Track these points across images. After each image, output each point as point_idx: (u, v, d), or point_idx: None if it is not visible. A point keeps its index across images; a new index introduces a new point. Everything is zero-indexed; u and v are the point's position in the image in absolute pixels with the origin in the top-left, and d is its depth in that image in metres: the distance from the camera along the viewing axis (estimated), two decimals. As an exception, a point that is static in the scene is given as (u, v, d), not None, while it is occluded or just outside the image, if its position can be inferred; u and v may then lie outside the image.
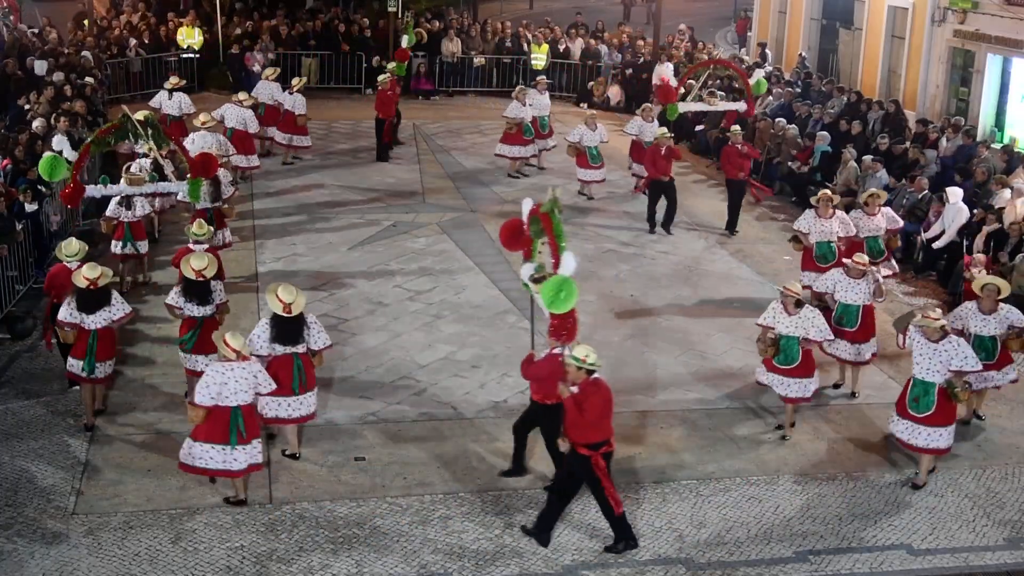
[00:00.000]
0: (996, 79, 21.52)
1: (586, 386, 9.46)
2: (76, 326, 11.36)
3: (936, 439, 10.96)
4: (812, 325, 11.74)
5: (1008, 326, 11.95)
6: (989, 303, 11.92)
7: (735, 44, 34.66)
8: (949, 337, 10.86)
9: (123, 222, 14.99)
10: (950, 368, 10.78)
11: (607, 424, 9.64)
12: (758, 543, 10.12)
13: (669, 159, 18.18)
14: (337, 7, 31.96)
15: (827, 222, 14.73)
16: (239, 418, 10.08)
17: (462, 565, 9.67)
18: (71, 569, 9.43)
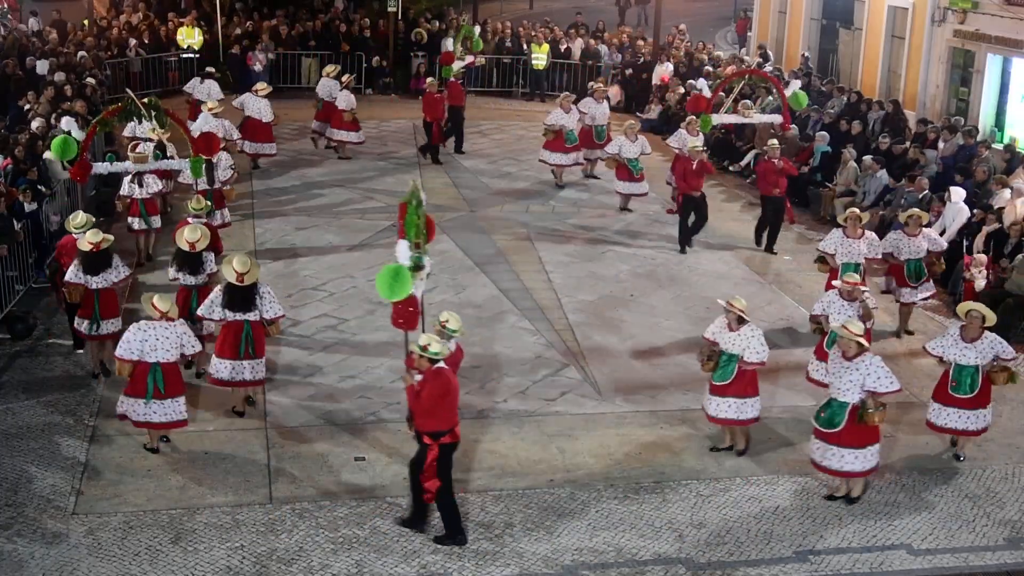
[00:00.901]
0: (996, 79, 21.51)
1: (427, 374, 9.62)
2: (81, 286, 12.42)
3: (851, 462, 10.37)
4: (749, 346, 11.05)
5: (993, 357, 11.25)
6: (973, 331, 11.24)
7: (735, 44, 34.64)
8: (864, 355, 10.30)
9: (136, 200, 15.90)
10: (864, 387, 10.24)
11: (447, 414, 9.73)
12: (758, 543, 10.12)
13: (701, 174, 17.45)
14: (337, 7, 31.98)
15: (855, 242, 13.93)
16: (158, 374, 10.80)
17: (462, 565, 9.67)
18: (71, 569, 9.43)
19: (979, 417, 11.39)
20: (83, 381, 12.70)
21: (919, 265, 14.32)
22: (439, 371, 9.67)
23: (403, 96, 28.10)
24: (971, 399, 11.29)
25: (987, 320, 11.31)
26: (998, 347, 11.29)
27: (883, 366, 10.34)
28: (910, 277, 14.30)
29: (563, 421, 12.12)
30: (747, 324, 11.17)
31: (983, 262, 15.40)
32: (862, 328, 10.56)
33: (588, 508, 10.53)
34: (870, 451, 10.47)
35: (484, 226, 18.45)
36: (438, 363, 9.65)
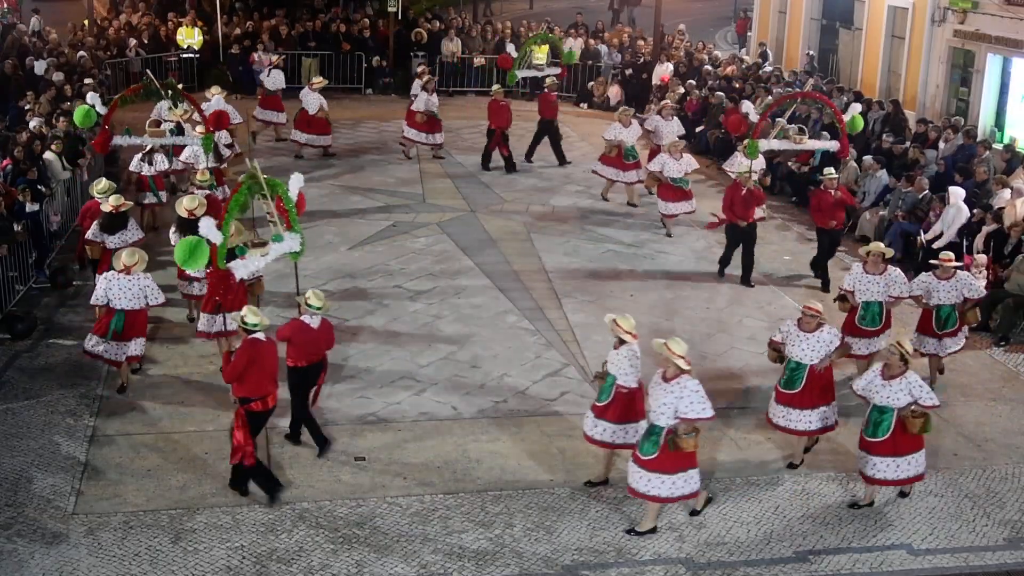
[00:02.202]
0: (996, 79, 21.53)
1: (243, 343, 10.34)
2: (99, 244, 13.75)
3: (657, 486, 9.88)
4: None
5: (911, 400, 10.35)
6: (892, 369, 10.40)
7: (735, 44, 34.66)
8: (681, 377, 9.75)
9: (146, 176, 17.09)
10: (677, 412, 9.75)
11: (257, 383, 10.22)
12: (758, 543, 10.12)
13: (750, 202, 15.86)
14: (337, 7, 31.98)
15: (875, 279, 12.74)
16: (121, 320, 12.20)
17: (462, 565, 9.67)
18: (71, 569, 9.43)
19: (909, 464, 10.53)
20: (83, 382, 12.71)
21: (950, 313, 12.82)
22: (253, 341, 10.24)
23: (403, 96, 28.06)
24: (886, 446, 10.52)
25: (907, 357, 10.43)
26: (916, 391, 10.35)
27: (698, 391, 9.74)
28: (937, 325, 12.83)
29: (563, 421, 12.12)
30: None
31: (983, 262, 15.41)
32: (684, 348, 9.84)
33: (588, 508, 10.53)
34: (683, 476, 9.91)
35: (484, 226, 18.45)
36: (254, 333, 10.24)
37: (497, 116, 21.33)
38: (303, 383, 11.10)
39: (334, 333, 11.51)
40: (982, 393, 13.10)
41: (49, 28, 28.11)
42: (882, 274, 12.80)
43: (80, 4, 31.50)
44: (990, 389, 13.25)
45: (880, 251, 12.85)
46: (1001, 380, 13.54)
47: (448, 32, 28.81)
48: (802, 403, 11.09)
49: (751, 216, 15.92)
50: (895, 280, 12.82)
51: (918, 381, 10.34)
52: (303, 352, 10.92)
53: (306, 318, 10.98)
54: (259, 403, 10.29)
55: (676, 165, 17.89)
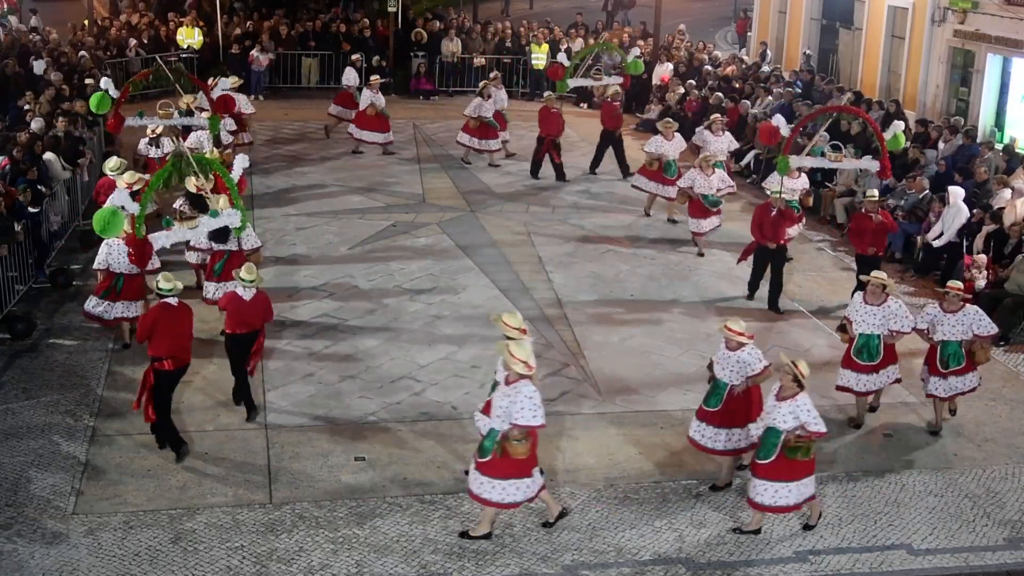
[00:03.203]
0: (996, 79, 21.52)
1: (154, 306, 11.25)
2: None
3: (488, 490, 9.75)
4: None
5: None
6: (784, 391, 10.01)
7: (735, 44, 34.65)
8: (519, 382, 9.54)
9: (153, 158, 17.71)
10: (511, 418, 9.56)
11: (164, 344, 10.90)
12: (758, 543, 10.12)
13: (780, 223, 15.06)
14: (337, 7, 31.99)
15: (874, 310, 11.94)
16: (119, 282, 13.12)
17: (462, 565, 9.67)
18: (71, 569, 9.43)
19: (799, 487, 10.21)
20: (83, 381, 12.71)
21: (957, 350, 11.88)
22: (164, 304, 11.03)
23: (403, 96, 28.09)
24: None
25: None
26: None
27: (532, 397, 9.49)
28: (941, 363, 11.89)
29: (563, 421, 12.12)
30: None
31: (983, 262, 15.42)
32: (527, 351, 9.56)
33: (588, 508, 10.53)
34: (515, 483, 9.73)
35: (484, 226, 18.45)
36: (166, 297, 11.01)
37: (547, 123, 20.82)
38: (235, 348, 11.87)
39: (271, 305, 12.16)
40: (982, 393, 13.04)
41: (49, 28, 28.11)
42: (881, 305, 11.91)
43: (80, 4, 31.50)
44: (990, 389, 13.23)
45: (880, 281, 11.96)
46: (1001, 380, 13.54)
47: (448, 32, 28.82)
48: (716, 421, 10.75)
49: (781, 237, 15.13)
50: (895, 313, 11.88)
51: (808, 405, 9.77)
52: (236, 321, 11.70)
53: (239, 290, 11.73)
54: (169, 362, 10.94)
55: (706, 181, 17.10)
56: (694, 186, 17.07)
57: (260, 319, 11.86)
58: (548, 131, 20.85)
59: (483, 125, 21.67)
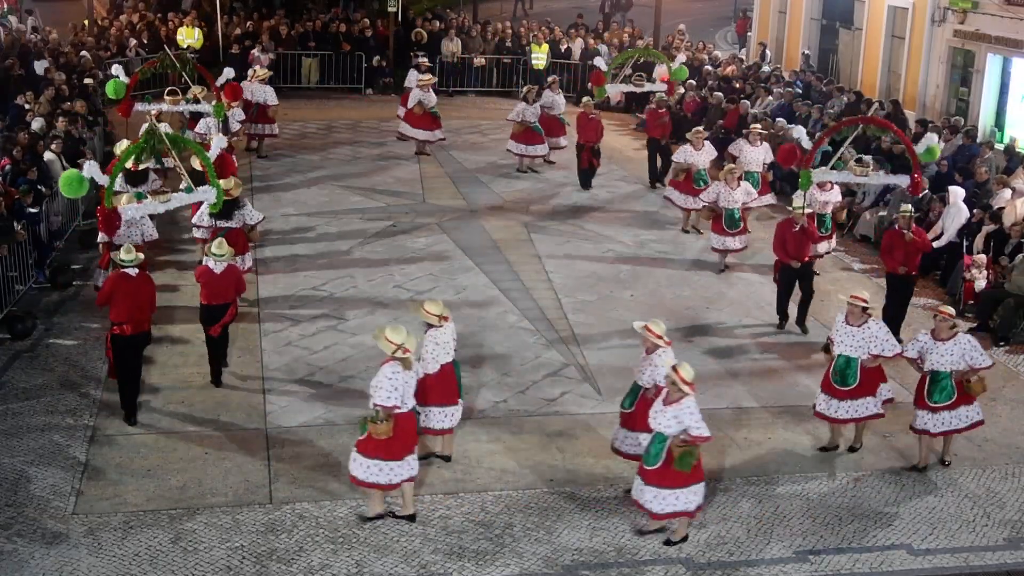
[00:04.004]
0: (996, 79, 21.54)
1: (113, 274, 11.83)
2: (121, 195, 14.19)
3: (375, 473, 9.90)
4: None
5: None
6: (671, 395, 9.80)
7: (735, 44, 34.65)
8: (388, 362, 9.82)
9: None
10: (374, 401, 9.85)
11: (121, 311, 11.54)
12: (758, 543, 10.12)
13: (803, 241, 14.34)
14: (337, 7, 32.00)
15: (853, 331, 11.26)
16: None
17: (462, 565, 9.67)
18: (71, 569, 9.43)
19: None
20: (83, 381, 12.71)
21: (947, 382, 11.07)
22: (123, 274, 11.63)
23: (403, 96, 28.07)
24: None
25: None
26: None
27: (392, 377, 9.73)
28: (928, 395, 11.10)
29: (563, 421, 12.12)
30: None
31: (983, 262, 15.42)
32: (402, 335, 9.83)
33: (588, 508, 10.53)
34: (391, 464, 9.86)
35: (484, 226, 18.45)
36: (126, 268, 11.60)
37: (586, 130, 20.39)
38: (208, 318, 12.49)
39: (243, 278, 12.98)
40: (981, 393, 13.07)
41: (49, 28, 28.11)
42: (861, 327, 11.18)
43: (80, 4, 31.51)
44: (990, 389, 13.17)
45: (859, 303, 11.18)
46: (1001, 380, 13.53)
47: (448, 32, 28.82)
48: (629, 424, 10.66)
49: (806, 255, 14.38)
50: (875, 336, 11.16)
51: (691, 409, 9.57)
52: (209, 292, 12.39)
53: (211, 264, 12.34)
54: (127, 327, 11.58)
55: (731, 195, 16.28)
56: (719, 200, 16.34)
57: (232, 291, 12.51)
58: (587, 138, 20.42)
59: (527, 130, 21.21)
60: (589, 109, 20.51)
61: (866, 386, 11.29)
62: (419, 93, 22.05)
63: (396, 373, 9.75)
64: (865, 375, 11.25)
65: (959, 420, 11.16)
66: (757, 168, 18.06)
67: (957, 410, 11.12)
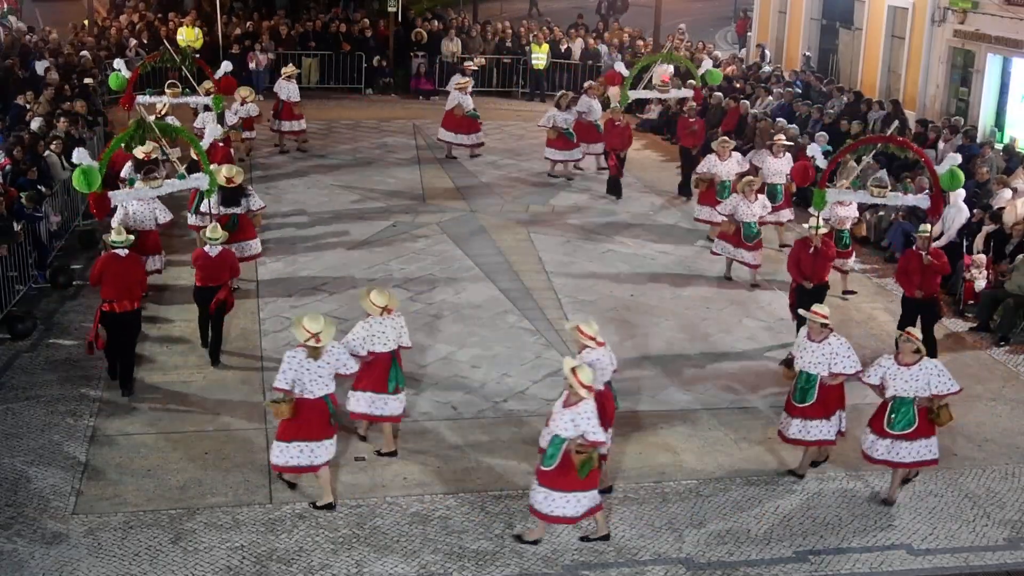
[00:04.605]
0: (996, 79, 21.53)
1: (103, 255, 12.54)
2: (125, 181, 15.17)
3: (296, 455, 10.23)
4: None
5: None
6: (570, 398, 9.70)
7: (735, 44, 34.65)
8: (293, 349, 10.14)
9: None
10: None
11: (110, 289, 12.17)
12: (758, 543, 10.12)
13: (818, 262, 13.57)
14: (337, 7, 32.01)
15: (814, 347, 10.84)
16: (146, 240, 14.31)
17: (462, 565, 9.67)
18: (71, 569, 9.43)
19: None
20: (83, 381, 12.71)
21: (909, 411, 10.43)
22: (113, 254, 12.33)
23: (403, 96, 28.11)
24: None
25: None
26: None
27: (286, 362, 9.99)
28: (888, 422, 10.49)
29: (563, 421, 12.09)
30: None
31: (983, 262, 15.42)
32: (318, 325, 10.00)
33: (588, 508, 10.53)
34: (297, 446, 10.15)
35: (484, 226, 18.45)
36: (116, 248, 12.30)
37: (612, 137, 19.96)
38: (202, 299, 13.11)
39: (237, 262, 13.49)
40: (982, 393, 13.09)
41: (49, 28, 28.11)
42: (822, 343, 10.74)
43: (80, 4, 31.51)
44: (990, 389, 13.25)
45: (818, 318, 10.71)
46: (1001, 380, 13.54)
47: (448, 32, 28.82)
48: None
49: (821, 277, 13.64)
50: (836, 352, 10.69)
51: (588, 413, 9.44)
52: (204, 275, 12.98)
53: (207, 248, 12.97)
54: (116, 305, 12.17)
55: (749, 208, 15.71)
56: (736, 213, 15.79)
57: (226, 274, 13.10)
58: (613, 144, 19.94)
59: (561, 136, 20.85)
60: (616, 115, 20.04)
61: (823, 407, 10.85)
62: (457, 95, 22.00)
63: (293, 359, 10.02)
64: (823, 394, 10.83)
65: (912, 453, 10.51)
66: (780, 180, 17.46)
67: (914, 443, 10.45)
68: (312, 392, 10.03)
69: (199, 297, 13.15)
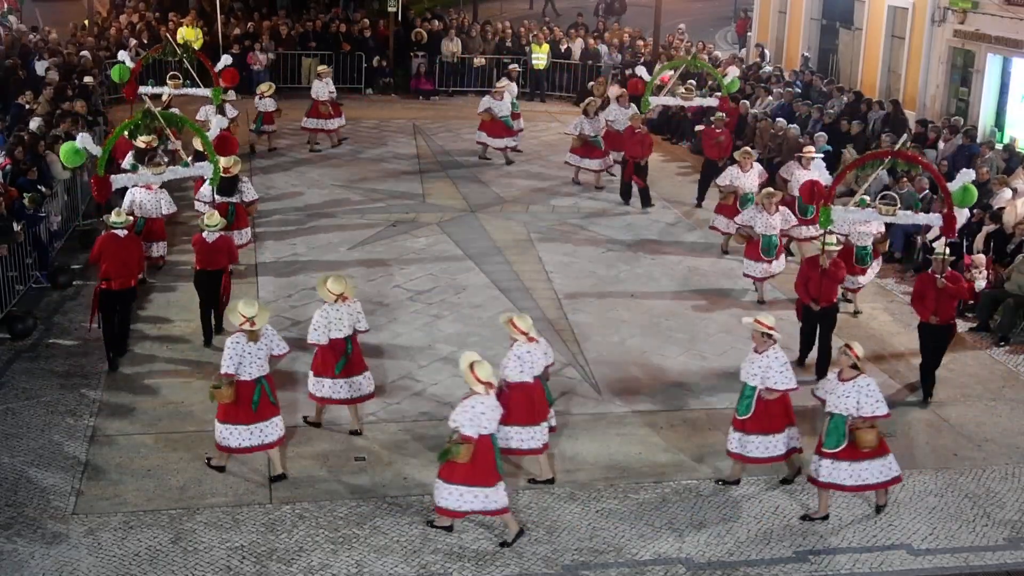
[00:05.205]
0: (996, 79, 21.52)
1: (103, 235, 13.10)
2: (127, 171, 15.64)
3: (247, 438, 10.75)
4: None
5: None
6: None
7: (735, 44, 34.64)
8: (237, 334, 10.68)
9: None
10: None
11: (111, 268, 12.79)
12: (758, 543, 10.12)
13: (825, 283, 12.96)
14: (337, 7, 31.99)
15: (755, 358, 10.60)
16: (142, 224, 15.00)
17: (462, 565, 9.67)
18: (71, 569, 9.43)
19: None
20: (83, 381, 12.71)
21: (840, 427, 10.11)
22: (112, 235, 12.95)
23: (403, 96, 28.10)
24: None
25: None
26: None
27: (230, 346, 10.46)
28: (825, 440, 10.20)
29: (563, 421, 12.11)
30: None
31: (983, 262, 15.42)
32: (253, 310, 10.59)
33: (588, 508, 10.53)
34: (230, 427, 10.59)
35: (484, 226, 18.44)
36: (115, 229, 12.92)
37: (631, 145, 19.28)
38: (201, 282, 13.58)
39: (235, 248, 14.15)
40: (982, 393, 13.09)
41: (49, 28, 28.10)
42: (763, 354, 10.50)
43: (80, 4, 31.50)
44: (990, 389, 13.25)
45: (760, 328, 10.48)
46: (1001, 380, 13.54)
47: (448, 32, 28.82)
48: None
49: (829, 298, 13.06)
50: (770, 366, 10.42)
51: (468, 405, 9.61)
52: (202, 260, 13.50)
53: (205, 234, 13.42)
54: (114, 283, 12.80)
55: (768, 221, 15.07)
56: (755, 225, 15.19)
57: (224, 259, 13.60)
58: (632, 153, 19.27)
59: (586, 144, 20.40)
60: (636, 123, 19.43)
61: (762, 422, 10.54)
62: (488, 100, 22.00)
63: (237, 343, 10.50)
64: (762, 409, 10.52)
65: (851, 475, 10.13)
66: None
67: (855, 465, 10.10)
68: (249, 374, 10.52)
69: (198, 280, 13.63)
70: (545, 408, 10.84)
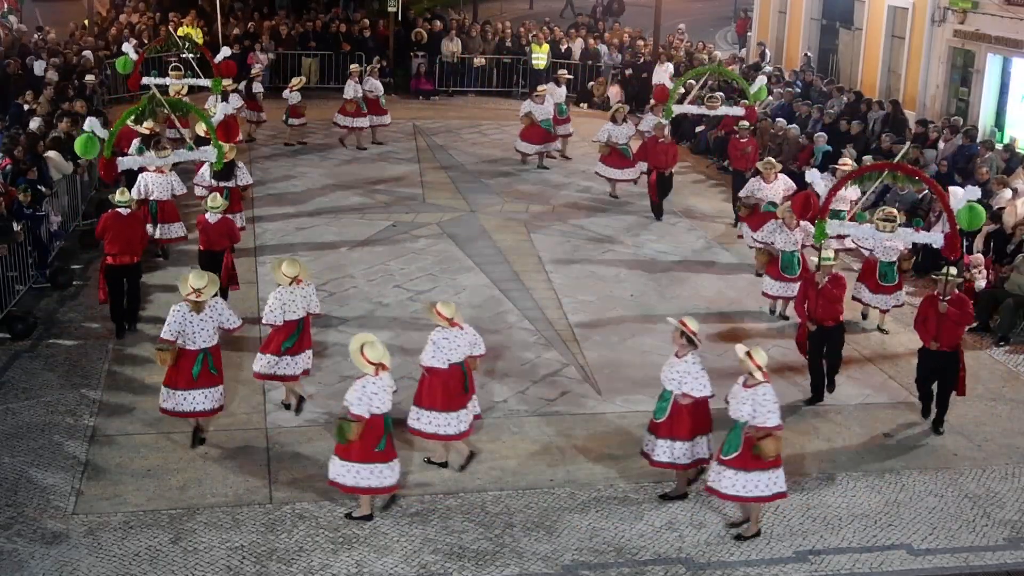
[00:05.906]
0: (996, 79, 21.53)
1: (108, 213, 13.74)
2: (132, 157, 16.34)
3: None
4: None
5: None
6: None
7: (735, 44, 34.65)
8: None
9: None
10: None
11: (115, 244, 13.48)
12: (758, 543, 10.11)
13: (823, 302, 12.34)
14: (337, 7, 32.00)
15: (675, 362, 10.44)
16: (154, 207, 15.74)
17: (462, 565, 9.67)
18: (71, 569, 9.43)
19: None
20: (83, 381, 12.71)
21: (736, 434, 9.90)
22: (116, 213, 13.60)
23: (403, 96, 28.11)
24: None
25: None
26: None
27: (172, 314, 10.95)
28: (723, 447, 10.11)
29: (563, 421, 12.12)
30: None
31: (982, 262, 15.42)
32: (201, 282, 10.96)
33: (588, 508, 10.53)
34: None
35: (484, 226, 18.45)
36: (120, 208, 13.57)
37: (655, 155, 18.62)
38: (204, 262, 14.09)
39: (236, 229, 14.83)
40: (982, 393, 13.08)
41: (49, 28, 28.11)
42: (680, 358, 10.30)
43: (80, 4, 31.52)
44: (990, 389, 13.25)
45: (682, 328, 10.25)
46: (1001, 380, 13.54)
47: (448, 32, 28.83)
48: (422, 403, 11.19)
49: (832, 317, 12.39)
50: (688, 372, 10.22)
51: (359, 386, 9.74)
52: (205, 239, 14.26)
53: (207, 215, 14.19)
54: (120, 259, 13.53)
55: (789, 237, 14.45)
56: (775, 242, 14.57)
57: (226, 239, 14.29)
58: (656, 163, 18.59)
59: (616, 153, 19.69)
60: (660, 132, 18.76)
61: (673, 427, 10.31)
62: (528, 103, 21.88)
63: (178, 312, 10.96)
64: (676, 413, 10.28)
65: (745, 486, 9.79)
66: (844, 206, 15.41)
67: (751, 473, 9.73)
68: (194, 343, 10.96)
69: (202, 260, 14.29)
70: (464, 396, 10.94)
